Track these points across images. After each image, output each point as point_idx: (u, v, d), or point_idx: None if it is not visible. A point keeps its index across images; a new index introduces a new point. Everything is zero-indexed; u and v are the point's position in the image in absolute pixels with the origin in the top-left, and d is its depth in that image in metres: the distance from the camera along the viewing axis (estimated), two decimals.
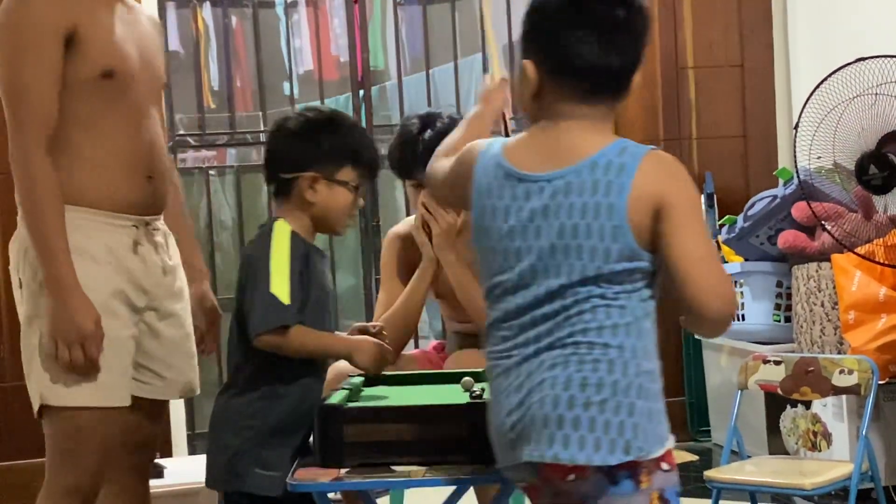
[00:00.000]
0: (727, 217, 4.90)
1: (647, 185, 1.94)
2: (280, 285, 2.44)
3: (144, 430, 2.71)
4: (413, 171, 3.32)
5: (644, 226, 1.94)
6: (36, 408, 2.55)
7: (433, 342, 3.71)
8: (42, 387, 2.52)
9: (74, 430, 2.53)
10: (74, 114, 2.50)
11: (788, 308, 4.60)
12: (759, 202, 4.66)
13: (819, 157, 3.83)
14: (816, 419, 4.18)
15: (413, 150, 3.29)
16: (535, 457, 1.95)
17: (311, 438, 2.45)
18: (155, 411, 2.74)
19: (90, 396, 2.52)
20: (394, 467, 2.29)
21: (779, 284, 4.65)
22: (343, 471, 2.29)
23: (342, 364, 3.35)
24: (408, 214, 4.98)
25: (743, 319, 4.73)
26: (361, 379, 2.71)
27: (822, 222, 3.97)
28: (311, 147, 2.57)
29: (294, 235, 2.52)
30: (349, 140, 2.61)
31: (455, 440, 2.28)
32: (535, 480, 2.02)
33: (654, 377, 1.98)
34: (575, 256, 1.96)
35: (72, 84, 2.49)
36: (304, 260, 2.50)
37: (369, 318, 5.59)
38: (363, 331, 2.69)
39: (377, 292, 4.43)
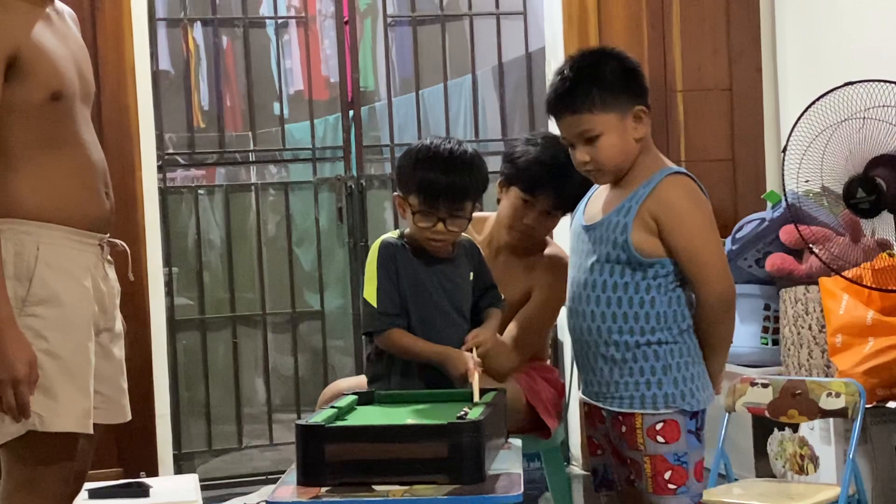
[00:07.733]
0: None
1: None
2: (370, 292, 2.82)
3: (89, 457, 2.61)
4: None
5: None
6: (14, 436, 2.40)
7: None
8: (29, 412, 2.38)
9: (44, 456, 2.42)
10: (35, 136, 2.45)
11: (776, 331, 4.59)
12: (748, 225, 4.65)
13: (807, 181, 3.82)
14: (804, 442, 4.17)
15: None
16: None
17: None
18: (96, 437, 2.59)
19: (80, 422, 2.43)
20: (374, 486, 2.28)
21: (766, 307, 4.64)
22: (323, 489, 2.28)
23: (341, 383, 3.35)
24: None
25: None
26: (354, 398, 2.72)
27: (810, 245, 3.96)
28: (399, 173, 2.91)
29: (384, 244, 2.85)
30: (418, 171, 2.83)
31: (435, 460, 2.27)
32: None
33: None
34: None
35: (27, 107, 2.43)
36: (392, 261, 2.83)
37: (356, 338, 5.58)
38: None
39: None
